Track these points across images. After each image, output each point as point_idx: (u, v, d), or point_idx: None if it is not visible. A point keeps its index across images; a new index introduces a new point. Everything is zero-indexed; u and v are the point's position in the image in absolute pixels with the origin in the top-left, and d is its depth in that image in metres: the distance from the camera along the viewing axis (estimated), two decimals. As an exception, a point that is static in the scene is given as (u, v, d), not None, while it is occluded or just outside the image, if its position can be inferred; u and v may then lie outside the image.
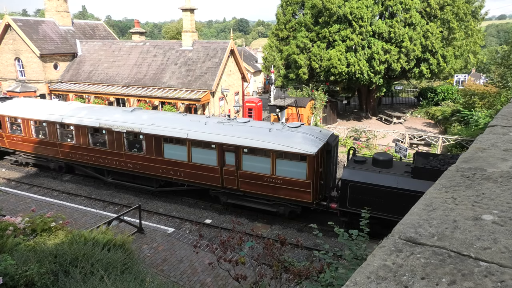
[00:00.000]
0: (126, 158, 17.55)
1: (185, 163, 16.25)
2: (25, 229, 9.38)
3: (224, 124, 16.01)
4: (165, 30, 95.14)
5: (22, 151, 20.96)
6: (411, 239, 1.49)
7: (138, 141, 17.26)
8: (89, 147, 18.29)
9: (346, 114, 37.58)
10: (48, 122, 19.09)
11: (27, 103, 21.45)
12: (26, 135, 20.09)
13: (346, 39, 29.50)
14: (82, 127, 18.13)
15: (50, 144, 19.43)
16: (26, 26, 30.83)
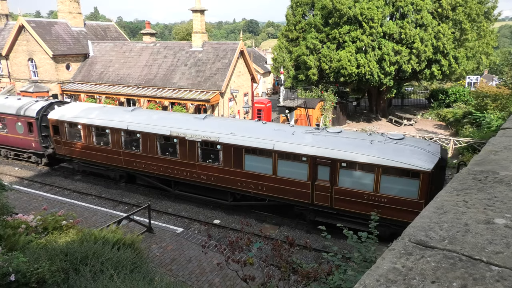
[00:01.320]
0: (199, 169, 16.29)
1: (269, 176, 14.91)
2: (37, 227, 9.52)
3: (314, 135, 14.60)
4: (175, 31, 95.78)
5: (80, 158, 19.74)
6: (421, 242, 1.48)
7: (214, 151, 15.99)
8: (157, 156, 17.07)
9: (356, 116, 37.35)
10: (111, 129, 17.90)
11: (85, 108, 20.31)
12: (86, 142, 18.91)
13: (356, 40, 29.33)
14: (151, 135, 16.93)
15: (113, 152, 18.22)
16: (40, 27, 31.31)
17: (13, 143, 22.12)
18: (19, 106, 21.28)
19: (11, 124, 21.58)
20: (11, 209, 10.30)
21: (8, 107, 21.68)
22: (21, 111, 21.03)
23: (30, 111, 20.80)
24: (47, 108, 20.73)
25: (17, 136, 21.62)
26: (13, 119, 21.38)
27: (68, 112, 19.62)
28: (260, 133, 15.29)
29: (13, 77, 33.67)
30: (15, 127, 21.48)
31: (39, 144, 21.00)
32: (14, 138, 21.84)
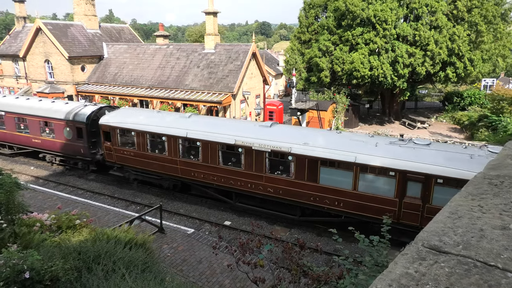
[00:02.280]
0: (266, 181, 15.21)
1: (347, 191, 13.78)
2: (51, 225, 9.68)
3: (402, 147, 13.39)
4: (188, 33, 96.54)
5: (132, 166, 18.77)
6: (435, 247, 1.46)
7: (284, 162, 14.92)
8: (218, 166, 16.07)
9: (368, 118, 37.03)
10: (169, 136, 16.95)
11: (138, 113, 19.54)
12: (139, 149, 17.96)
13: (369, 42, 29.12)
14: (212, 143, 15.95)
15: (169, 161, 17.25)
16: (56, 30, 31.92)
17: (60, 149, 21.43)
18: (68, 111, 20.63)
19: (59, 129, 20.95)
20: (27, 208, 10.50)
21: (56, 111, 21.07)
22: (70, 116, 20.39)
23: (79, 116, 20.16)
24: (96, 113, 20.09)
25: (65, 142, 20.95)
26: (61, 124, 20.74)
27: (121, 117, 18.80)
28: (337, 144, 14.16)
29: (30, 78, 34.38)
30: (63, 133, 20.83)
31: (87, 150, 20.29)
32: (61, 144, 21.15)
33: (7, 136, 23.42)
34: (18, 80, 36.03)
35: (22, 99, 23.66)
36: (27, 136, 22.41)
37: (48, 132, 21.67)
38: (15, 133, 22.86)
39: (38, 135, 21.91)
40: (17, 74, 36.10)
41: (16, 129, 22.79)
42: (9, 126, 23.01)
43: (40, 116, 21.49)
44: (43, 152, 22.60)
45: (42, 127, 21.72)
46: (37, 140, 22.03)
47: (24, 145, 23.05)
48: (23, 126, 22.53)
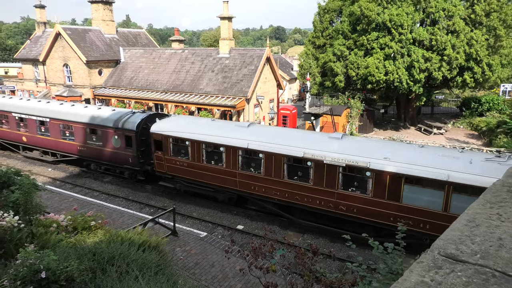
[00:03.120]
0: (338, 198, 14.06)
1: (437, 213, 12.50)
2: (67, 226, 9.85)
3: (502, 164, 11.90)
4: (203, 38, 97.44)
5: (183, 177, 17.85)
6: (451, 256, 1.43)
7: (361, 178, 13.72)
8: (283, 180, 14.99)
9: (383, 124, 36.63)
10: (227, 147, 16.00)
11: (192, 122, 18.86)
12: (194, 160, 17.05)
13: (385, 47, 28.87)
14: (277, 156, 14.86)
15: (227, 173, 16.30)
16: (75, 35, 32.65)
17: (107, 157, 20.64)
18: (116, 118, 19.88)
19: (106, 137, 20.14)
20: (44, 209, 10.71)
21: (104, 119, 20.35)
22: (119, 123, 19.58)
23: (129, 124, 19.33)
24: (146, 121, 19.22)
25: (113, 150, 20.09)
26: (109, 132, 19.91)
27: (174, 126, 17.97)
28: (423, 159, 12.91)
29: (49, 81, 35.20)
30: (111, 141, 20.00)
31: (136, 160, 19.37)
32: (108, 152, 20.34)
33: (51, 143, 22.81)
34: (37, 84, 36.93)
35: (67, 106, 23.01)
36: (72, 143, 21.71)
37: (94, 140, 20.83)
38: (59, 140, 22.21)
39: (84, 143, 21.19)
40: (37, 77, 37.03)
41: (60, 136, 22.13)
42: (54, 133, 22.39)
43: (87, 123, 20.79)
44: (88, 160, 21.96)
45: (89, 134, 20.93)
46: (83, 148, 21.32)
47: (68, 152, 22.34)
48: (68, 133, 21.85)
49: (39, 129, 23.06)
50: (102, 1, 34.85)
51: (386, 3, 29.33)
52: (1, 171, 11.02)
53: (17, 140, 24.61)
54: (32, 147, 24.20)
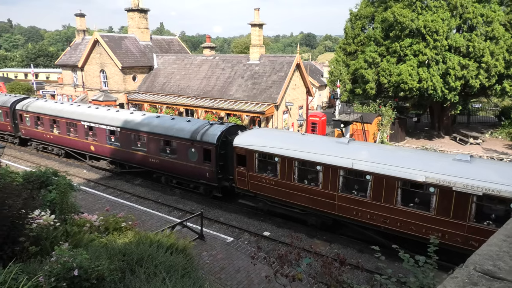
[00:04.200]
0: (470, 232, 12.05)
1: None
2: (99, 226, 10.17)
3: None
4: (234, 45, 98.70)
5: (268, 196, 16.40)
6: (488, 272, 1.37)
7: (505, 211, 11.63)
8: (395, 206, 13.14)
9: (416, 132, 35.59)
10: (326, 166, 14.37)
11: (280, 136, 17.25)
12: (283, 178, 15.54)
13: (419, 54, 28.14)
14: (389, 179, 13.06)
15: (324, 195, 14.68)
16: (111, 42, 33.94)
17: (181, 171, 19.42)
18: (194, 130, 18.66)
19: (182, 150, 18.91)
20: (78, 209, 11.14)
21: (180, 130, 19.12)
22: (197, 135, 18.32)
23: (208, 136, 18.01)
24: (225, 133, 17.94)
25: (188, 164, 18.81)
26: (186, 145, 18.69)
27: (261, 139, 16.57)
28: None
29: (87, 86, 36.71)
30: (187, 154, 18.73)
31: (214, 175, 18.00)
32: (183, 166, 19.05)
33: (121, 154, 22.02)
34: (76, 89, 38.60)
35: (138, 115, 21.99)
36: (144, 155, 20.67)
37: (168, 152, 19.67)
38: (130, 151, 21.26)
39: (157, 155, 20.07)
40: (75, 82, 38.71)
41: (131, 146, 21.15)
42: (124, 143, 21.54)
43: (160, 134, 19.72)
44: (159, 173, 20.80)
45: (162, 146, 19.81)
46: (155, 160, 20.21)
47: (139, 164, 21.36)
48: (140, 144, 20.84)
49: (109, 139, 22.33)
50: (137, 10, 36.09)
51: (421, 9, 28.64)
52: (40, 172, 11.57)
53: (84, 149, 24.19)
54: (99, 156, 23.71)
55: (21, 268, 5.70)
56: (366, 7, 35.25)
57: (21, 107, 27.56)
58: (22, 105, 27.59)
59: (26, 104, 27.36)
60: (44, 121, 26.06)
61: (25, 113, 27.28)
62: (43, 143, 27.13)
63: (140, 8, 36.21)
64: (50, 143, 26.60)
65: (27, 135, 28.06)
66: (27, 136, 28.17)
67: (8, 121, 28.64)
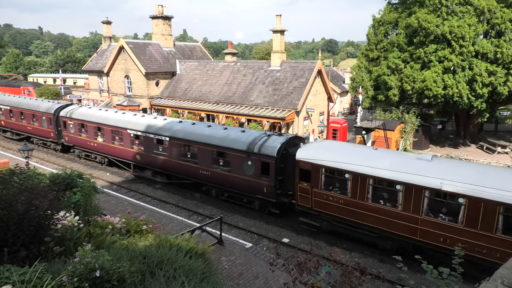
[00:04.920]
0: None
1: None
2: (121, 229, 10.36)
3: None
4: (255, 51, 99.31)
5: (335, 215, 14.99)
6: (517, 287, 1.31)
7: None
8: (495, 235, 11.64)
9: (440, 140, 34.72)
10: (408, 185, 12.99)
11: (348, 149, 15.83)
12: (354, 197, 14.18)
13: (444, 60, 27.52)
14: (489, 203, 11.57)
15: (404, 218, 13.26)
16: (136, 48, 34.78)
17: (235, 185, 18.22)
18: (251, 142, 17.45)
19: (237, 163, 17.75)
20: (101, 211, 11.38)
21: (235, 141, 17.94)
22: (254, 147, 17.12)
23: (267, 149, 16.73)
24: (285, 146, 16.74)
25: (243, 177, 17.65)
26: (241, 157, 17.49)
27: (327, 153, 15.19)
28: None
29: (111, 91, 37.67)
30: (242, 167, 17.60)
31: (273, 190, 16.75)
32: (238, 179, 17.89)
33: (168, 164, 21.05)
34: (101, 94, 39.67)
35: (187, 124, 20.96)
36: (194, 166, 19.60)
37: (221, 164, 18.56)
38: (179, 161, 20.30)
39: (209, 167, 19.01)
40: (101, 88, 39.79)
41: (181, 157, 20.20)
42: (173, 154, 20.60)
43: (214, 145, 18.61)
44: (210, 185, 19.68)
45: (215, 158, 18.76)
46: (206, 172, 19.16)
47: (188, 175, 20.36)
48: (190, 155, 19.88)
49: (156, 148, 21.45)
50: (162, 17, 36.90)
51: (446, 14, 28.06)
52: (66, 174, 11.90)
53: (129, 158, 23.33)
54: (145, 166, 22.78)
55: (46, 268, 5.86)
56: (390, 13, 34.83)
57: (65, 114, 27.11)
58: (66, 111, 27.15)
59: (70, 111, 26.91)
60: (88, 128, 25.52)
61: (69, 120, 26.80)
62: (86, 150, 26.67)
63: (164, 15, 37.01)
64: (93, 151, 26.07)
65: (70, 142, 27.62)
66: (70, 143, 27.70)
67: (51, 128, 28.25)
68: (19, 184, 7.53)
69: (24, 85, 56.60)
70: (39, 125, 29.35)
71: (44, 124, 28.86)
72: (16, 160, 23.02)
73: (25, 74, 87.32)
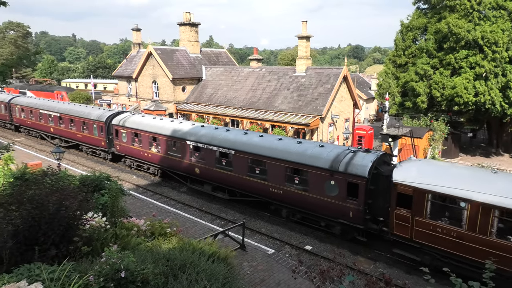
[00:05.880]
0: None
1: None
2: (146, 231, 10.55)
3: None
4: (280, 57, 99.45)
5: (445, 250, 12.77)
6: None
7: None
8: None
9: (471, 149, 33.52)
10: None
11: (464, 173, 13.37)
12: (473, 231, 11.94)
13: (475, 66, 26.66)
14: None
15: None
16: (164, 54, 35.58)
17: (313, 206, 16.23)
18: (334, 158, 15.38)
19: (317, 182, 15.73)
20: (127, 213, 11.65)
21: (315, 157, 15.89)
22: (338, 165, 15.02)
23: (356, 168, 14.59)
24: (376, 164, 14.61)
25: (324, 199, 15.57)
26: (322, 176, 15.48)
27: (431, 176, 13.09)
28: None
29: (139, 97, 38.64)
30: (323, 187, 15.56)
31: (360, 215, 14.69)
32: (317, 201, 15.84)
33: (233, 180, 19.17)
34: (129, 98, 40.75)
35: (254, 136, 19.14)
36: (263, 183, 17.69)
37: (297, 183, 16.59)
38: (245, 177, 18.44)
39: (281, 185, 17.10)
40: (129, 93, 40.88)
41: (247, 173, 18.32)
42: (239, 168, 18.73)
43: (288, 161, 16.66)
44: (280, 205, 17.69)
45: (289, 175, 16.83)
46: (277, 190, 17.26)
47: (255, 193, 18.45)
48: (259, 171, 17.93)
49: (219, 162, 19.76)
50: (189, 24, 37.63)
51: (478, 19, 27.22)
52: (94, 176, 12.26)
53: (187, 171, 21.69)
54: (204, 180, 21.03)
55: (73, 267, 6.05)
56: (418, 18, 34.11)
57: (117, 122, 26.10)
58: (118, 120, 26.15)
59: (123, 119, 25.85)
60: (142, 137, 24.27)
61: (121, 128, 25.66)
62: (138, 160, 25.49)
63: (192, 22, 37.73)
64: (146, 161, 24.85)
65: (121, 151, 26.49)
66: (121, 153, 26.60)
67: (102, 136, 27.37)
68: (51, 185, 7.83)
69: (57, 89, 59.00)
70: (89, 133, 28.60)
71: (94, 132, 28.05)
72: (48, 161, 23.94)
73: (59, 79, 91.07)
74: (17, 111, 37.46)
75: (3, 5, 7.96)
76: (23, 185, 7.89)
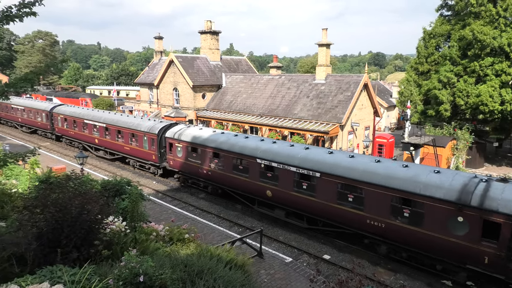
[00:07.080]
0: None
1: None
2: (164, 236, 10.65)
3: None
4: (300, 64, 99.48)
5: None
6: None
7: None
8: None
9: (497, 159, 32.47)
10: None
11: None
12: None
13: (501, 74, 25.94)
14: None
15: None
16: (185, 62, 36.17)
17: (428, 246, 13.35)
18: (460, 188, 12.58)
19: (438, 217, 12.85)
20: (147, 217, 11.80)
21: (431, 186, 13.09)
22: (469, 197, 12.25)
23: (497, 203, 11.78)
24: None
25: (447, 238, 12.71)
26: (446, 210, 12.63)
27: None
28: None
29: (161, 103, 39.31)
30: (445, 224, 12.75)
31: (501, 263, 11.87)
32: (436, 239, 12.94)
33: (317, 207, 16.48)
34: (151, 105, 41.50)
35: (342, 156, 16.45)
36: (358, 214, 14.97)
37: (406, 217, 13.77)
38: (334, 205, 15.79)
39: (383, 217, 14.35)
40: (151, 99, 41.64)
41: (336, 200, 15.70)
42: (324, 194, 16.10)
43: (394, 189, 13.85)
44: (381, 240, 14.86)
45: (395, 206, 14.05)
46: (378, 223, 14.53)
47: (348, 224, 15.76)
48: (352, 199, 15.25)
49: (298, 185, 17.10)
50: (210, 32, 38.17)
51: (505, 26, 26.54)
52: (116, 181, 12.50)
53: (257, 193, 19.13)
54: (276, 204, 18.50)
55: (94, 270, 6.16)
56: (442, 25, 33.54)
57: (171, 135, 24.05)
58: (173, 132, 24.07)
59: (178, 132, 23.73)
60: (201, 153, 21.91)
61: (176, 141, 23.57)
62: (194, 178, 23.29)
63: (212, 30, 38.24)
64: (204, 179, 22.40)
65: (174, 167, 24.32)
66: (174, 168, 24.46)
67: (154, 150, 25.41)
68: (74, 189, 8.04)
69: (82, 96, 60.67)
70: (138, 145, 26.68)
71: (145, 145, 26.11)
72: (72, 166, 24.58)
73: (84, 86, 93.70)
74: (59, 120, 35.91)
75: (33, 15, 8.40)
76: (47, 189, 8.12)
